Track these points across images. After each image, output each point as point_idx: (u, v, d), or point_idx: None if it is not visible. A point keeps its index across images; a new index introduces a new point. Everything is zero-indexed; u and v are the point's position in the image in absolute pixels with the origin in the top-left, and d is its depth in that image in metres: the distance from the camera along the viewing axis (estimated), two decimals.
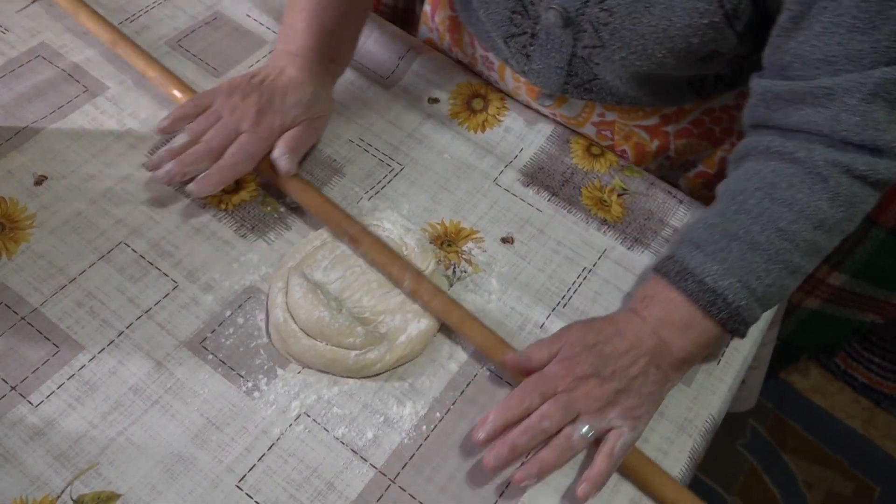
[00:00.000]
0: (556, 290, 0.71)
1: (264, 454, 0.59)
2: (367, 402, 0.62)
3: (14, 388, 0.60)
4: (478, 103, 0.84)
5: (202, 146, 0.69)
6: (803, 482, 1.47)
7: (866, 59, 0.57)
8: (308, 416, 0.61)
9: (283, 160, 0.70)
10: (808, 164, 0.60)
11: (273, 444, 0.60)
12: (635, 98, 0.75)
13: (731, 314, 0.60)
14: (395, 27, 0.89)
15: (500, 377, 0.65)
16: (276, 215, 0.72)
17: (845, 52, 0.57)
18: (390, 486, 0.59)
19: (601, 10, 0.65)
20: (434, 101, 0.84)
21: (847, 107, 0.58)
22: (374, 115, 0.81)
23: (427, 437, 0.61)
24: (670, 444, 0.64)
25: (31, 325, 0.63)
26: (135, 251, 0.68)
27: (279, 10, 0.89)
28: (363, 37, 0.85)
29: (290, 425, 0.61)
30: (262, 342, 0.64)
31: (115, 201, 0.71)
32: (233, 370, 0.63)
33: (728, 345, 0.70)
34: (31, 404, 0.59)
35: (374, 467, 0.60)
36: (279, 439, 0.60)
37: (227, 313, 0.66)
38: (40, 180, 0.71)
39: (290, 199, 0.73)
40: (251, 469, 0.58)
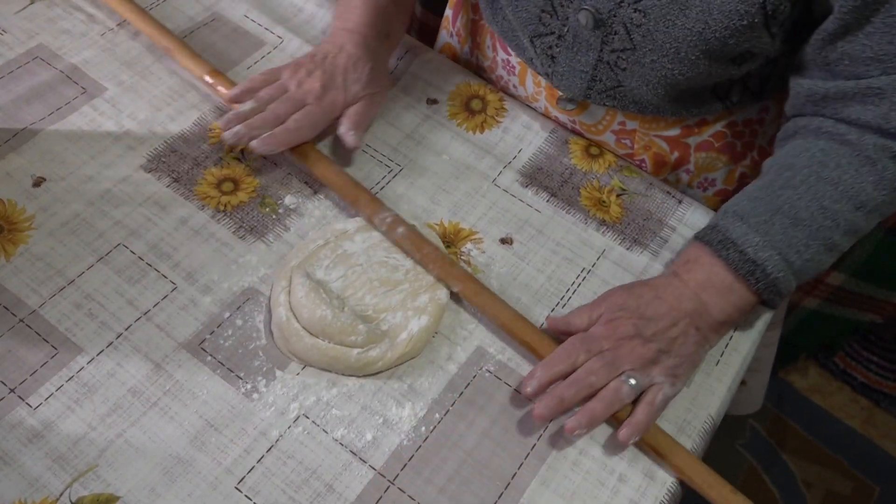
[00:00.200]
0: (555, 290, 0.71)
1: (263, 456, 0.59)
2: (366, 404, 0.62)
3: (13, 390, 0.60)
4: (476, 104, 0.84)
5: (269, 113, 0.72)
6: (803, 482, 1.47)
7: None
8: (307, 418, 0.61)
9: (350, 136, 0.74)
10: (858, 147, 0.63)
11: (272, 446, 0.60)
12: (658, 106, 0.75)
13: (768, 285, 0.63)
14: None
15: (499, 378, 0.65)
16: (274, 217, 0.72)
17: None
18: (389, 487, 0.59)
19: (635, 12, 0.65)
20: (433, 102, 0.84)
21: None
22: None
23: (426, 438, 0.61)
24: None
25: (29, 327, 0.63)
26: (133, 253, 0.68)
27: (277, 12, 0.89)
28: None
29: (289, 427, 0.61)
30: (261, 344, 0.64)
31: (114, 203, 0.71)
32: (231, 372, 0.63)
33: (730, 342, 0.70)
34: (30, 406, 0.59)
35: (374, 469, 0.60)
36: (278, 441, 0.60)
37: (226, 315, 0.66)
38: (39, 182, 0.71)
39: (289, 199, 0.73)
40: (250, 471, 0.58)
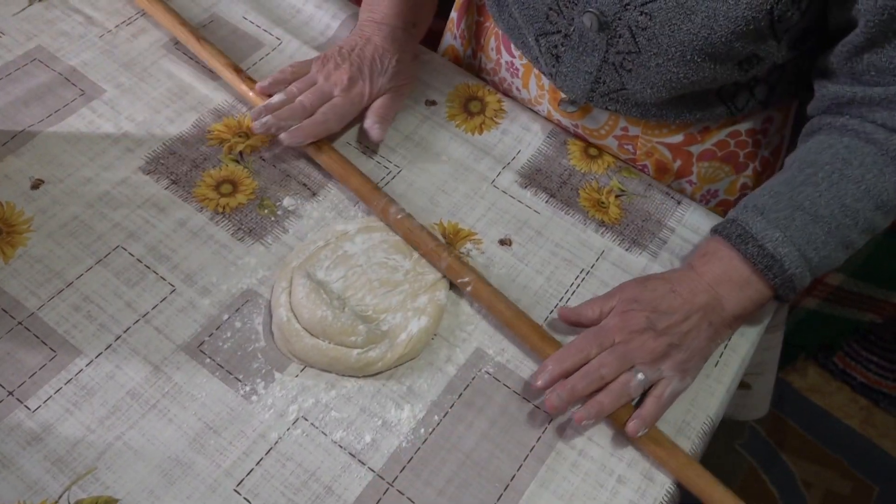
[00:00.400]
0: (554, 291, 0.71)
1: (262, 458, 0.59)
2: (365, 406, 0.62)
3: (11, 392, 0.60)
4: (475, 105, 0.84)
5: (297, 105, 0.74)
6: (802, 481, 1.47)
7: None
8: (306, 420, 0.61)
9: (375, 129, 0.76)
10: (884, 146, 0.63)
11: (271, 448, 0.60)
12: (661, 110, 0.74)
13: (785, 280, 0.64)
14: None
15: (498, 380, 0.65)
16: (273, 218, 0.72)
17: None
18: (388, 489, 0.59)
19: (641, 15, 0.64)
20: (431, 103, 0.84)
21: None
22: None
23: (425, 440, 0.61)
24: None
25: (28, 329, 0.63)
26: (132, 255, 0.68)
27: (276, 13, 0.89)
28: None
29: (288, 429, 0.61)
30: (260, 346, 0.64)
31: (113, 205, 0.71)
32: (230, 374, 0.63)
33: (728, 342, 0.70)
34: (29, 409, 0.59)
35: (373, 471, 0.60)
36: (277, 443, 0.60)
37: (225, 317, 0.65)
38: (37, 184, 0.71)
39: (288, 201, 0.73)
40: (249, 473, 0.58)
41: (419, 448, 0.61)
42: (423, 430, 0.62)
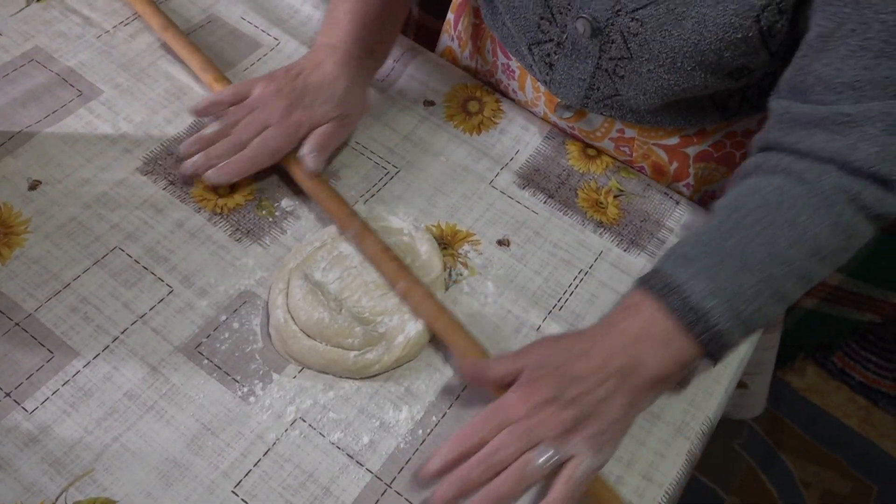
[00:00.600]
0: (552, 292, 0.71)
1: (260, 459, 0.59)
2: (362, 407, 0.62)
3: (8, 394, 0.60)
4: (473, 106, 0.84)
5: (230, 141, 0.71)
6: (801, 481, 1.47)
7: (892, 88, 0.55)
8: (304, 421, 0.61)
9: (310, 158, 0.71)
10: (815, 187, 0.58)
11: (269, 450, 0.60)
12: (656, 116, 0.74)
13: (712, 336, 0.57)
14: None
15: None
16: (271, 219, 0.72)
17: (871, 77, 0.55)
18: (386, 490, 0.59)
19: (632, 20, 0.64)
20: (429, 103, 0.84)
21: (867, 136, 0.56)
22: (369, 117, 0.81)
23: (423, 441, 0.61)
24: (667, 446, 0.63)
25: (25, 330, 0.63)
26: (129, 256, 0.68)
27: (274, 13, 0.89)
28: None
29: (286, 430, 0.61)
30: (258, 347, 0.64)
31: (110, 206, 0.71)
32: (228, 375, 0.62)
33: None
34: (26, 411, 0.59)
35: (370, 472, 0.59)
36: (275, 444, 0.60)
37: (223, 318, 0.65)
38: (34, 185, 0.71)
39: (286, 201, 0.73)
40: (247, 475, 0.58)
41: (417, 449, 0.61)
42: (421, 432, 0.62)
